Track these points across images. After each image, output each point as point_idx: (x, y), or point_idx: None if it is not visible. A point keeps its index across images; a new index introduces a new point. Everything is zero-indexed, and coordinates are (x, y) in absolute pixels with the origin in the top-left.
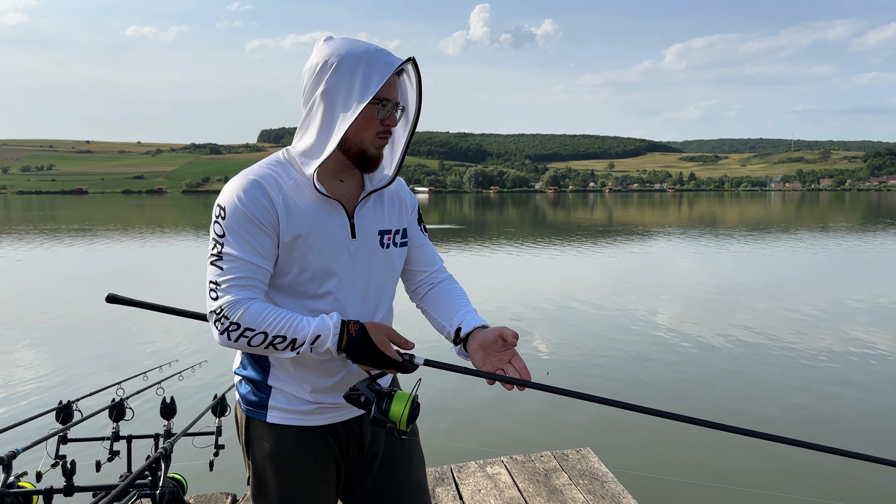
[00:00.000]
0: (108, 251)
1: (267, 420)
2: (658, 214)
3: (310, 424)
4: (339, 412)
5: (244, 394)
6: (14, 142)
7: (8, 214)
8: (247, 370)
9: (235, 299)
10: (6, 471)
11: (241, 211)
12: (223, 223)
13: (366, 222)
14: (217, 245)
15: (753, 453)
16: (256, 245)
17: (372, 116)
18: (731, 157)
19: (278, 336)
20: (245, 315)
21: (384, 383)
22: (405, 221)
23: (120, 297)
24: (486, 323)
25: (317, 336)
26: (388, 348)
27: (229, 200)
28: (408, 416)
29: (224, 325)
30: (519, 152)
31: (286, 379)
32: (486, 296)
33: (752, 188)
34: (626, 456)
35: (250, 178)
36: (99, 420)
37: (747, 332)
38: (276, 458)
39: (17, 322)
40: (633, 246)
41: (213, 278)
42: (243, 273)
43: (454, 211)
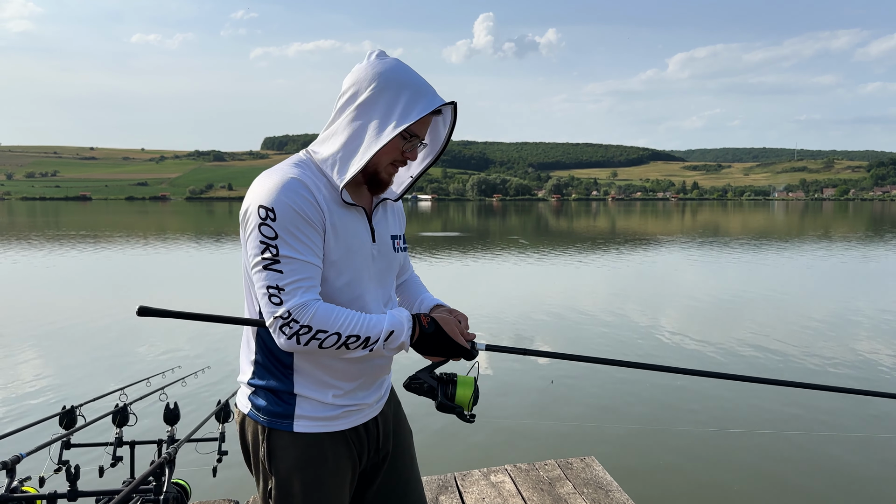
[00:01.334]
0: (112, 258)
1: (294, 430)
2: (661, 223)
3: (335, 430)
4: (361, 414)
5: (264, 405)
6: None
7: (12, 220)
8: (266, 380)
9: (303, 301)
10: (10, 475)
11: (292, 211)
12: (274, 224)
13: (381, 228)
14: (269, 248)
15: (761, 463)
16: (311, 245)
17: (397, 146)
18: (735, 166)
19: (352, 336)
20: (316, 317)
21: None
22: (403, 230)
23: (152, 309)
24: (441, 302)
25: (390, 332)
26: (459, 337)
27: (276, 200)
28: (473, 399)
29: (293, 329)
30: (522, 160)
31: (312, 386)
32: (488, 303)
33: (755, 197)
34: (630, 465)
35: (290, 176)
36: (102, 425)
37: (750, 342)
38: (304, 469)
39: (22, 327)
40: (636, 255)
41: (274, 283)
42: (304, 274)
43: (457, 219)
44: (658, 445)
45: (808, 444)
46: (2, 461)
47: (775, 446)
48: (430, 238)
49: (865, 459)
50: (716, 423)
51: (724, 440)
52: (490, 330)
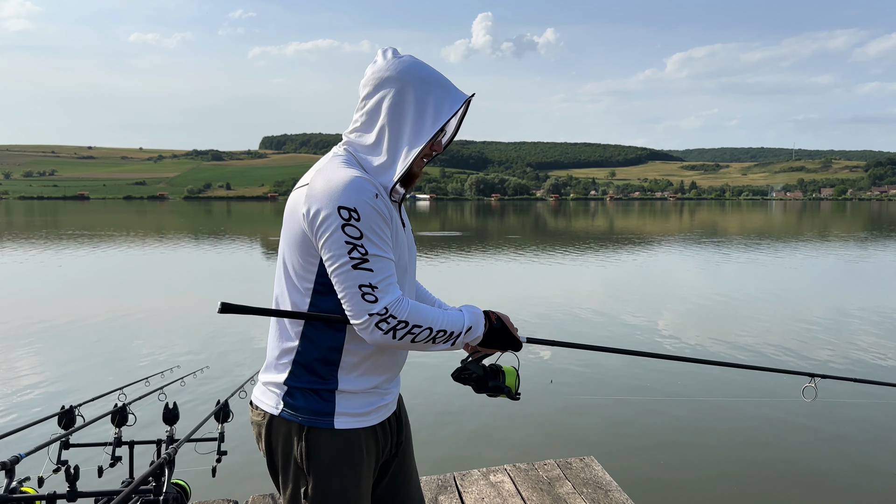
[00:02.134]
0: (110, 257)
1: (335, 427)
2: (659, 223)
3: (369, 425)
4: (387, 408)
5: (303, 405)
6: (16, 147)
7: (10, 220)
8: (306, 379)
9: (397, 297)
10: (9, 476)
11: (373, 210)
12: (358, 224)
13: (407, 223)
14: (357, 248)
15: (762, 461)
16: (391, 242)
17: (429, 143)
18: (733, 165)
19: (441, 331)
20: (411, 313)
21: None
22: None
23: (234, 306)
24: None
25: (469, 327)
26: (516, 332)
27: (357, 201)
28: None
29: (391, 324)
30: (520, 160)
31: (353, 381)
32: (486, 303)
33: (753, 197)
34: (630, 465)
35: (358, 176)
36: (101, 425)
37: (748, 341)
38: (342, 464)
39: (22, 326)
40: (634, 254)
41: (366, 281)
42: (391, 271)
43: (455, 218)
44: (657, 445)
45: (806, 442)
46: (0, 462)
47: (776, 445)
48: (429, 238)
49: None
50: (716, 423)
51: (724, 440)
52: None
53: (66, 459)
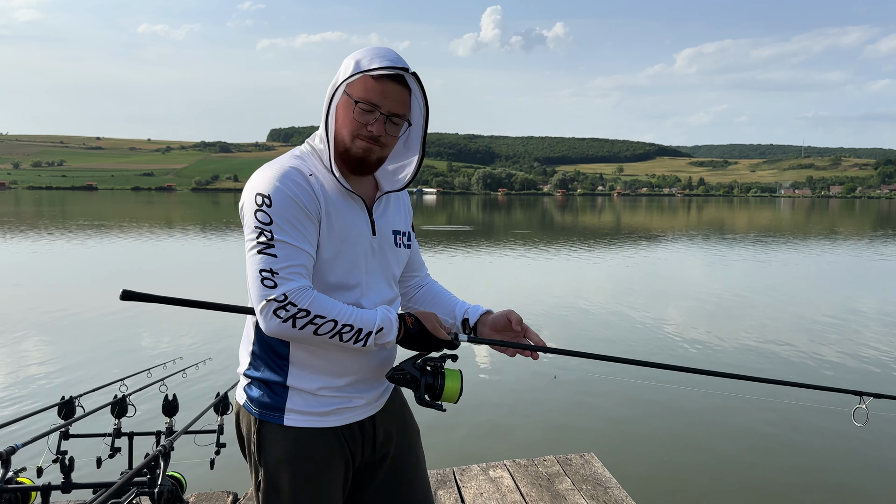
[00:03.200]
0: (117, 247)
1: (284, 423)
2: (666, 219)
3: (326, 426)
4: (356, 412)
5: (256, 397)
6: (25, 137)
7: (19, 209)
8: (261, 372)
9: (301, 285)
10: (5, 466)
11: (288, 198)
12: (269, 210)
13: (383, 221)
14: (264, 233)
15: (764, 460)
16: (305, 232)
17: (349, 114)
18: (741, 162)
19: (347, 325)
20: (315, 302)
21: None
22: (409, 226)
23: (136, 293)
24: (488, 308)
25: (380, 328)
26: (440, 332)
27: (272, 188)
28: (460, 391)
29: (290, 311)
30: (528, 155)
31: (306, 378)
32: (492, 298)
33: (761, 194)
34: (630, 462)
35: (288, 166)
36: (101, 416)
37: (755, 338)
38: (292, 462)
39: (27, 316)
40: (641, 250)
41: (268, 266)
42: (299, 261)
43: (462, 212)
44: (658, 442)
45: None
46: None
47: (775, 446)
48: (435, 231)
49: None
50: (716, 421)
51: (724, 438)
52: None
53: (66, 450)
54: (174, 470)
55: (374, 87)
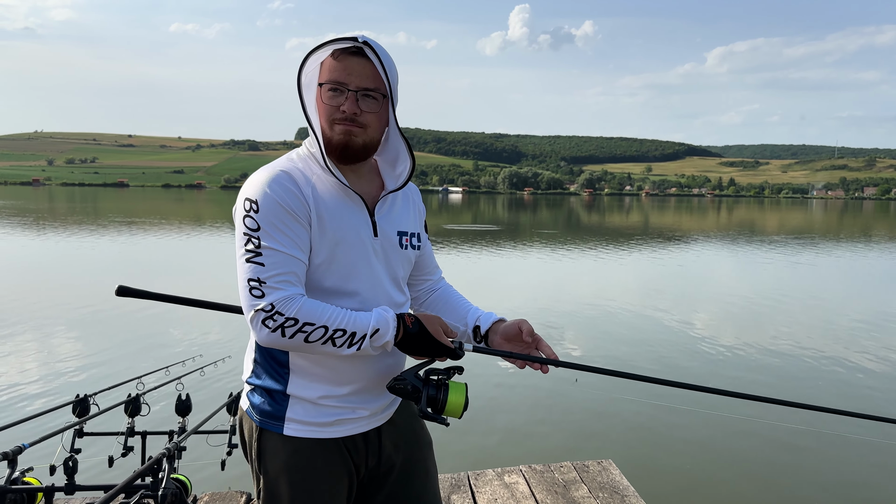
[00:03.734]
0: (147, 244)
1: (284, 433)
2: (696, 220)
3: (328, 437)
4: (360, 423)
5: (258, 404)
6: (59, 135)
7: (52, 206)
8: (262, 379)
9: (288, 294)
10: (11, 466)
11: (275, 202)
12: (257, 216)
13: (386, 222)
14: (252, 240)
15: (793, 477)
16: (294, 238)
17: (320, 101)
18: (773, 163)
19: (338, 330)
20: (302, 310)
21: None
22: (419, 227)
23: (131, 290)
24: (501, 317)
25: (376, 330)
26: (442, 337)
27: (260, 193)
28: (464, 405)
29: (278, 321)
30: (554, 154)
31: (307, 387)
32: (517, 297)
33: (793, 195)
34: (649, 470)
35: (278, 169)
36: (118, 413)
37: (785, 343)
38: (291, 472)
39: (58, 312)
40: (669, 251)
41: (255, 275)
42: (287, 268)
43: (487, 212)
44: (679, 452)
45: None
46: (2, 451)
47: (806, 462)
48: (460, 231)
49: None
50: (743, 432)
51: (751, 451)
52: None
53: (80, 448)
54: (184, 470)
55: (335, 66)
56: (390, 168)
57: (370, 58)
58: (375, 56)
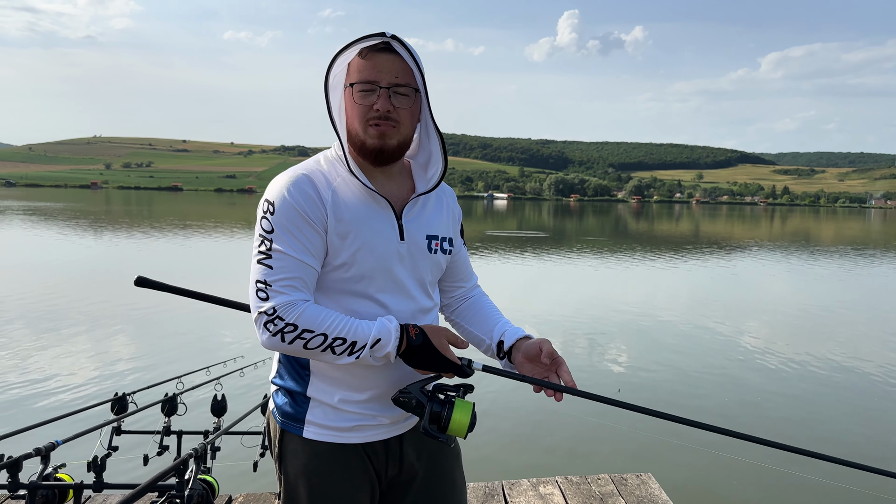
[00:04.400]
0: (203, 245)
1: (303, 435)
2: (748, 229)
3: (347, 442)
4: (380, 430)
5: (280, 405)
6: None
7: (109, 208)
8: (284, 380)
9: (291, 299)
10: (44, 461)
11: (291, 206)
12: (272, 219)
13: (414, 225)
14: (265, 242)
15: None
16: (307, 243)
17: (351, 102)
18: (829, 171)
19: (338, 338)
20: (303, 316)
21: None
22: (452, 231)
23: (149, 281)
24: (527, 334)
25: (377, 339)
26: (448, 351)
27: (278, 195)
28: (469, 425)
29: (278, 326)
30: (602, 160)
31: (327, 390)
32: (562, 305)
33: (850, 204)
34: (690, 486)
35: (300, 173)
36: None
37: (841, 357)
38: (310, 476)
39: (117, 311)
40: (720, 260)
41: (263, 277)
42: (295, 273)
43: (532, 218)
44: (722, 468)
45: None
46: (36, 447)
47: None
48: (504, 237)
49: None
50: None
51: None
52: (561, 334)
53: (117, 445)
54: (218, 470)
55: (364, 64)
56: (422, 170)
57: (399, 52)
58: (405, 49)
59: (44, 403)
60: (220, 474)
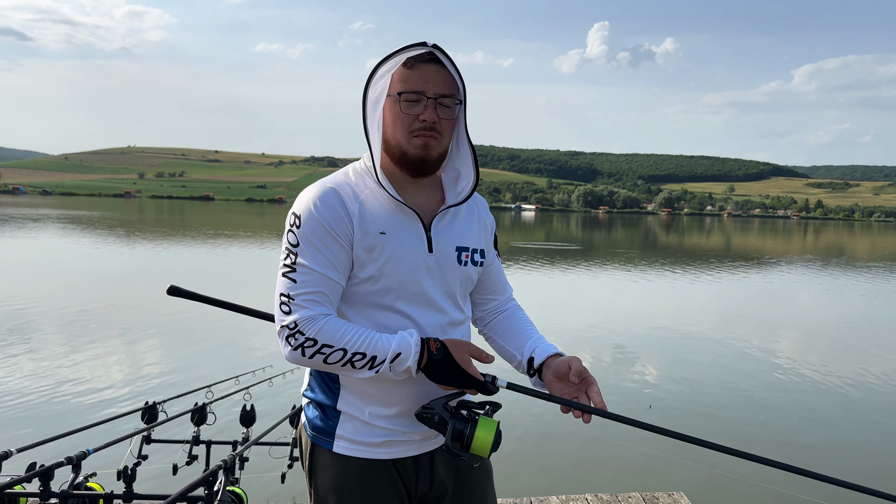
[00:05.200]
0: (228, 254)
1: (333, 450)
2: (780, 242)
3: (377, 458)
4: (410, 446)
5: (311, 418)
6: (150, 149)
7: (142, 217)
8: (315, 393)
9: (312, 314)
10: (75, 471)
11: (316, 220)
12: (297, 232)
13: (443, 237)
14: (290, 255)
15: None
16: (331, 257)
17: (396, 112)
18: (864, 184)
19: (358, 353)
20: (323, 331)
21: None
22: (483, 242)
23: (182, 290)
24: (558, 351)
25: (397, 354)
26: (470, 367)
27: (305, 209)
28: (493, 444)
29: (299, 340)
30: (631, 172)
31: (357, 404)
32: (591, 319)
33: (886, 219)
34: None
35: (328, 186)
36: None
37: (876, 376)
38: (339, 491)
39: (148, 318)
40: (752, 275)
41: (286, 291)
42: (318, 287)
43: (560, 230)
44: (757, 488)
45: None
46: (67, 456)
47: None
48: (531, 249)
49: None
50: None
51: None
52: (589, 348)
53: (147, 454)
54: (246, 480)
55: (410, 75)
56: (453, 182)
57: (444, 63)
58: (449, 61)
59: (75, 411)
60: (248, 485)
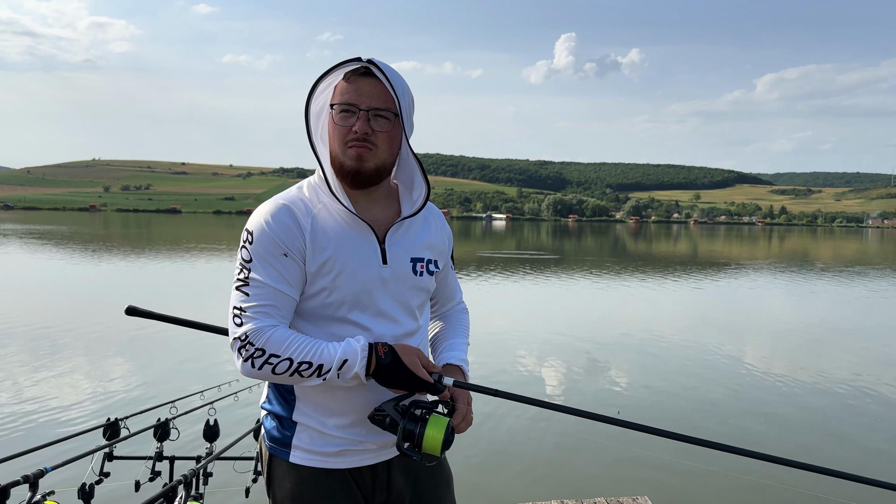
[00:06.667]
0: (193, 268)
1: (290, 460)
2: (746, 248)
3: (333, 467)
4: (366, 455)
5: (269, 429)
6: (115, 162)
7: (108, 231)
8: (272, 405)
9: (261, 325)
10: (32, 489)
11: (269, 236)
12: (250, 248)
13: (398, 248)
14: (244, 270)
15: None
16: (283, 272)
17: (332, 123)
18: (826, 191)
19: (304, 362)
20: (270, 341)
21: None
22: (438, 252)
23: (140, 310)
24: (458, 363)
25: (343, 361)
26: (419, 369)
27: (257, 226)
28: (443, 442)
29: (249, 351)
30: (600, 181)
31: (312, 414)
32: (561, 326)
33: (847, 224)
34: None
35: (280, 203)
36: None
37: (839, 376)
38: (296, 501)
39: (112, 333)
40: (718, 281)
41: (238, 304)
42: (269, 301)
43: (531, 238)
44: (718, 489)
45: None
46: (24, 475)
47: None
48: (502, 258)
49: None
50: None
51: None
52: (559, 355)
53: (109, 471)
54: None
55: (346, 87)
56: (408, 193)
57: (380, 78)
58: (383, 75)
59: (35, 429)
60: (213, 500)
